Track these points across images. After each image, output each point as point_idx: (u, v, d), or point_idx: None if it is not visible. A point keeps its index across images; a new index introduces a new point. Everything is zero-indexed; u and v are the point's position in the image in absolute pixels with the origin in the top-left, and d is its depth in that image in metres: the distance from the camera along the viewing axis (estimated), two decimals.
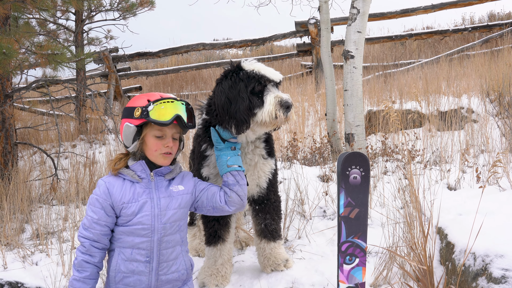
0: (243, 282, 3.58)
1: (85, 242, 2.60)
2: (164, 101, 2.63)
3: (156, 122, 2.58)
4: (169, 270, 2.72)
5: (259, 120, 2.96)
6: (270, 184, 3.50)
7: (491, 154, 5.55)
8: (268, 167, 3.43)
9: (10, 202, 5.07)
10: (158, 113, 2.59)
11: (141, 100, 2.67)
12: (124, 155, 2.77)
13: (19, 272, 3.83)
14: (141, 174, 2.68)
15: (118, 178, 2.68)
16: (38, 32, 9.64)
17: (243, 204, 2.98)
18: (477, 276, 2.74)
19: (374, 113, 7.57)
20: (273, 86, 3.04)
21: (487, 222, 2.97)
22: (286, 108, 2.93)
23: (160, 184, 2.73)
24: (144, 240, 2.63)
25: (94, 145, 9.00)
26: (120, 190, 2.64)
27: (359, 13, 5.54)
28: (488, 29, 13.81)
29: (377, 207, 4.52)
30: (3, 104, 6.17)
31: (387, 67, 13.07)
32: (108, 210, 2.61)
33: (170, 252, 2.71)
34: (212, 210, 2.94)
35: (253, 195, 3.50)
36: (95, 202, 2.62)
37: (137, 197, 2.64)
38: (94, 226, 2.59)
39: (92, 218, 2.60)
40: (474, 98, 7.85)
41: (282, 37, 13.60)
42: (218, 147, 3.08)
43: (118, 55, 12.92)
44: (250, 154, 3.32)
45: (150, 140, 2.67)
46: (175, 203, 2.74)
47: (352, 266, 2.92)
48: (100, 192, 2.63)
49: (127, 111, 2.68)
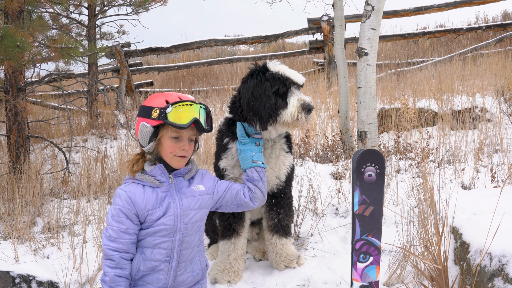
0: (255, 279, 3.57)
1: (114, 255, 2.52)
2: (183, 103, 2.59)
3: (174, 125, 2.55)
4: (186, 270, 2.71)
5: (282, 120, 3.14)
6: (288, 178, 3.58)
7: (505, 153, 5.49)
8: (288, 161, 3.54)
9: (22, 196, 5.09)
10: (176, 115, 2.55)
11: (159, 100, 2.62)
12: (141, 156, 2.73)
13: (31, 265, 3.83)
14: (161, 178, 2.64)
15: (137, 185, 2.63)
16: (51, 26, 9.66)
17: (264, 200, 3.04)
18: (493, 276, 2.71)
19: (387, 111, 7.51)
20: (296, 89, 3.21)
21: (503, 222, 2.93)
22: (307, 111, 3.11)
23: (180, 184, 2.70)
24: (166, 240, 2.60)
25: (106, 140, 9.02)
26: (143, 197, 2.59)
27: (374, 10, 5.49)
28: (502, 28, 13.67)
29: (391, 205, 4.49)
30: (16, 97, 6.18)
31: (399, 65, 12.98)
32: (134, 219, 2.57)
33: (189, 253, 2.70)
34: (236, 208, 2.97)
35: (272, 187, 3.54)
36: (119, 212, 2.56)
37: (160, 201, 2.61)
38: (122, 236, 2.54)
39: (119, 228, 2.54)
40: (488, 97, 7.77)
41: (295, 34, 13.55)
42: (242, 141, 3.18)
43: (130, 50, 12.93)
44: (272, 148, 3.44)
45: (167, 142, 2.63)
46: (196, 203, 2.72)
47: (366, 264, 2.89)
48: (123, 202, 2.57)
49: (144, 110, 2.65)
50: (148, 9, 11.02)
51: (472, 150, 5.83)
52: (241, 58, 14.10)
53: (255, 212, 3.73)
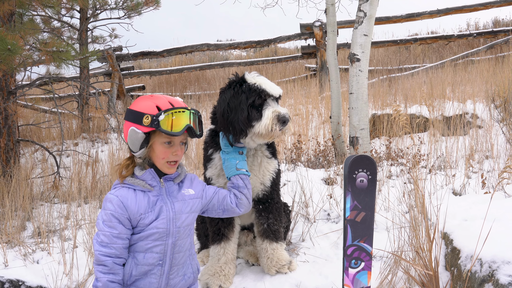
0: (247, 284, 3.55)
1: (106, 261, 2.49)
2: (175, 110, 2.57)
3: (167, 133, 2.54)
4: (178, 274, 2.71)
5: (256, 131, 3.18)
6: (273, 183, 3.60)
7: (496, 160, 5.53)
8: (272, 166, 3.56)
9: (12, 200, 5.05)
10: (169, 123, 2.54)
11: (148, 105, 2.59)
12: (131, 161, 2.70)
13: (20, 270, 3.80)
14: (152, 183, 2.63)
15: (128, 189, 2.61)
16: (43, 29, 9.62)
17: (250, 206, 3.10)
18: (484, 282, 2.71)
19: (379, 117, 7.54)
20: (273, 101, 3.24)
21: (493, 228, 2.94)
22: (282, 123, 3.14)
23: (171, 188, 2.71)
24: (158, 244, 2.59)
25: (97, 144, 8.98)
26: (135, 201, 2.57)
27: (366, 16, 5.51)
28: (493, 35, 13.80)
29: (382, 211, 4.49)
30: (6, 100, 6.15)
31: (391, 71, 13.04)
32: (126, 224, 2.55)
33: (181, 256, 2.70)
34: (222, 213, 3.02)
35: (258, 193, 3.55)
36: (111, 217, 2.53)
37: (152, 205, 2.60)
38: (115, 241, 2.51)
39: (111, 233, 2.51)
40: (479, 104, 7.82)
41: (287, 39, 13.59)
42: (225, 150, 3.25)
43: (122, 54, 12.91)
44: (254, 156, 3.48)
45: (159, 148, 2.62)
46: (187, 207, 2.73)
47: (358, 270, 2.89)
48: (115, 207, 2.54)
49: (133, 114, 2.61)
50: (140, 13, 11.02)
51: (463, 156, 5.86)
52: (234, 63, 14.13)
53: (245, 217, 3.73)
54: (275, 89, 3.25)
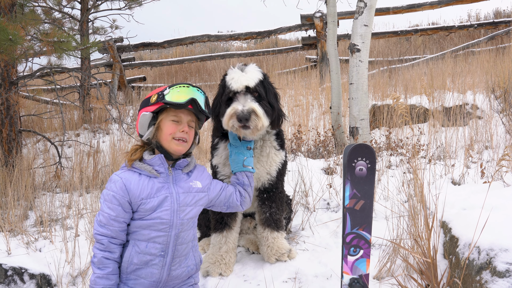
0: (247, 272, 3.59)
1: (102, 240, 2.55)
2: (180, 85, 2.67)
3: (171, 103, 2.60)
4: (181, 265, 2.74)
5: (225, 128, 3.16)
6: (279, 173, 3.61)
7: (495, 150, 5.54)
8: (280, 158, 3.57)
9: (14, 189, 5.08)
10: (174, 95, 2.62)
11: (157, 91, 2.71)
12: (140, 146, 2.75)
13: (23, 258, 3.83)
14: (159, 169, 2.67)
15: (133, 173, 2.65)
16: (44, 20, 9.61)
17: (250, 204, 3.24)
18: (481, 269, 2.74)
19: (379, 108, 7.55)
20: (243, 95, 3.12)
21: (491, 217, 2.96)
22: (239, 120, 3.03)
23: (178, 177, 2.73)
24: (161, 235, 2.62)
25: (98, 134, 9.01)
26: (138, 185, 2.60)
27: (366, 6, 5.52)
28: (493, 26, 13.76)
29: (381, 200, 4.52)
30: (8, 91, 6.17)
31: (392, 62, 13.03)
32: (126, 207, 2.58)
33: (184, 248, 2.73)
34: (226, 209, 3.12)
35: (264, 183, 3.56)
36: (112, 198, 2.57)
37: (156, 192, 2.62)
38: (112, 223, 2.56)
39: (109, 215, 2.56)
40: (479, 95, 7.83)
41: (288, 30, 13.57)
42: (234, 144, 3.27)
43: (123, 45, 12.90)
44: (262, 147, 3.49)
45: (166, 124, 2.67)
46: (193, 199, 2.76)
47: (357, 257, 2.92)
48: (117, 189, 2.58)
49: (144, 101, 2.72)
50: (141, 4, 11.01)
51: (463, 147, 5.88)
52: (234, 54, 14.11)
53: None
54: (237, 83, 3.12)
